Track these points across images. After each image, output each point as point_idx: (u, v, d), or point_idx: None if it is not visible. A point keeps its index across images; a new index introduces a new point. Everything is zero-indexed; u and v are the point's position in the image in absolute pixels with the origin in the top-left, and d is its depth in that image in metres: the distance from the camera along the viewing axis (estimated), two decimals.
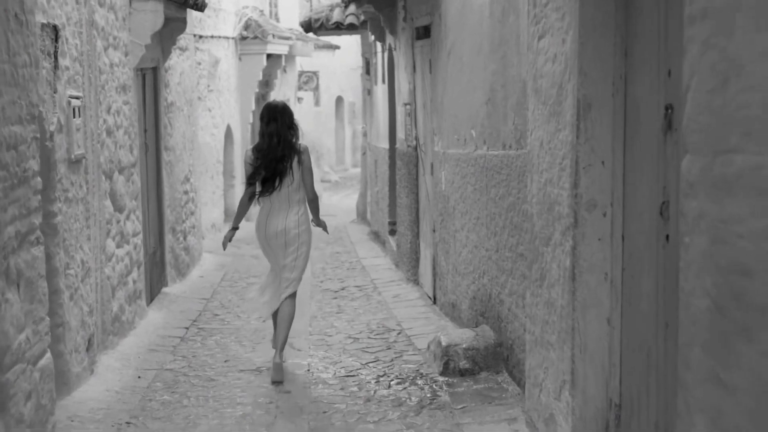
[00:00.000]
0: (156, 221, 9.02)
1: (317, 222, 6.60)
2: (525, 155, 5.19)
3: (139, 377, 6.23)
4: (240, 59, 15.55)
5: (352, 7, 12.88)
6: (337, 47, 22.17)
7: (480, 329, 6.34)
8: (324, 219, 6.82)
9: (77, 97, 5.95)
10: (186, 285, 9.61)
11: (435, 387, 5.91)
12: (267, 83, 16.97)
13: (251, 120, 15.84)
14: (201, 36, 12.80)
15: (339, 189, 22.68)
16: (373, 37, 12.24)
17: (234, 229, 6.60)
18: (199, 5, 9.28)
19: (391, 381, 6.14)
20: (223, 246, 6.63)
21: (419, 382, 6.06)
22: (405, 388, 5.96)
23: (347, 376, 6.32)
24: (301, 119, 6.18)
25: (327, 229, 6.82)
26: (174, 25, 8.89)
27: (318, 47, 20.67)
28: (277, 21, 18.79)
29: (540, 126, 4.49)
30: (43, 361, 4.14)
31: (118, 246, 7.06)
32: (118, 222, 7.06)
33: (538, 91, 4.52)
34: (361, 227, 14.42)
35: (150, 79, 8.85)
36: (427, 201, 8.71)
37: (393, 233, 11.16)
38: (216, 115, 14.00)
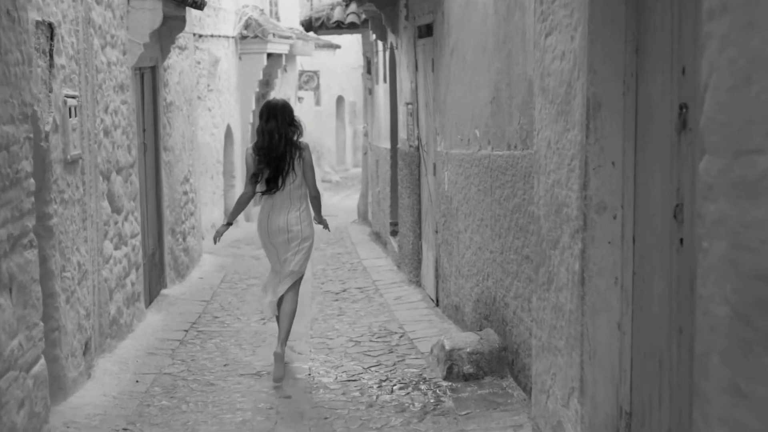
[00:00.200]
0: (155, 222, 8.92)
1: (319, 219, 6.61)
2: (531, 156, 5.09)
3: (137, 381, 6.12)
4: (240, 58, 15.49)
5: (353, 6, 12.82)
6: (338, 46, 22.11)
7: (484, 333, 6.22)
8: (325, 218, 6.79)
9: (73, 97, 5.84)
10: (185, 287, 9.51)
11: (438, 392, 5.80)
12: (267, 83, 16.91)
13: (251, 120, 15.77)
14: (201, 35, 12.73)
15: (340, 189, 22.60)
16: (375, 36, 12.16)
17: (228, 224, 6.54)
18: (199, 4, 9.18)
19: (394, 386, 6.03)
20: (214, 240, 6.56)
21: (422, 387, 5.95)
22: (408, 393, 5.85)
23: (349, 380, 6.22)
24: (302, 119, 6.08)
25: (329, 227, 6.83)
26: (173, 24, 8.82)
27: (319, 46, 20.62)
28: (278, 20, 18.75)
29: (547, 126, 4.39)
30: (37, 368, 4.04)
31: (115, 248, 6.96)
32: (116, 223, 6.96)
33: (545, 90, 4.41)
34: (363, 228, 14.33)
35: (149, 79, 8.77)
36: (430, 202, 8.61)
37: (395, 234, 11.07)
38: (216, 115, 13.92)
